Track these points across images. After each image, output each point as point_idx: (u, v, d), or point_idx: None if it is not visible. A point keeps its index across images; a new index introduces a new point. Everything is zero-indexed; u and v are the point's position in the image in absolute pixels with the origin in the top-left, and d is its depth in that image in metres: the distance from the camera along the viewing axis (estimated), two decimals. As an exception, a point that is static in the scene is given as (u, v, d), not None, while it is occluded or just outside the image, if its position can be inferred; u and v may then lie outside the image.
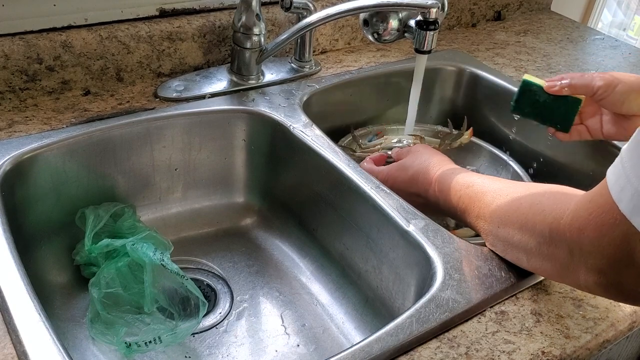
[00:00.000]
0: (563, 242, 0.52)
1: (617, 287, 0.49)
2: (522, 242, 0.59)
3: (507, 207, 0.62)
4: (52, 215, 0.78)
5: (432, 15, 0.79)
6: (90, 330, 0.71)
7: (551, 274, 0.58)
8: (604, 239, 0.47)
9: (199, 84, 0.91)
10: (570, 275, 0.53)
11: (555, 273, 0.57)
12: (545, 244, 0.55)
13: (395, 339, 0.56)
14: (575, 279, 0.53)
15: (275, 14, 0.99)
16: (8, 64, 0.80)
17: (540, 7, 1.42)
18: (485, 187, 0.67)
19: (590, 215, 0.48)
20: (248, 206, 0.93)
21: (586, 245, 0.49)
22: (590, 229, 0.48)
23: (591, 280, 0.50)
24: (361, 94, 1.03)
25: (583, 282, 0.52)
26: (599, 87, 0.79)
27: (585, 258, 0.50)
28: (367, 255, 0.78)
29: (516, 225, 0.59)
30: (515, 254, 0.62)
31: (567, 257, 0.52)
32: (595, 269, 0.49)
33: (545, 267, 0.57)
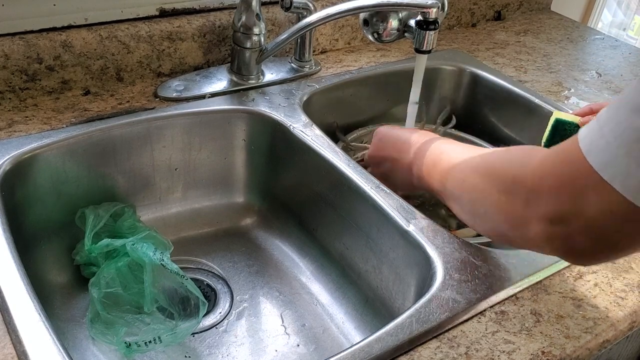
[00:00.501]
0: (522, 190, 0.53)
1: (564, 240, 0.50)
2: (486, 190, 0.59)
3: (477, 162, 0.62)
4: (52, 215, 0.78)
5: (432, 15, 0.79)
6: (90, 330, 0.71)
7: (502, 226, 0.57)
8: (563, 188, 0.48)
9: (199, 84, 0.91)
10: (521, 228, 0.53)
11: (507, 224, 0.56)
12: (505, 193, 0.55)
13: (395, 339, 0.56)
14: (525, 232, 0.53)
15: (275, 13, 0.99)
16: (8, 64, 0.80)
17: (540, 7, 1.42)
18: (457, 147, 0.68)
19: (555, 165, 0.50)
20: (248, 206, 0.93)
21: (544, 194, 0.50)
22: (552, 177, 0.49)
23: (540, 231, 0.51)
24: (361, 94, 1.03)
25: (532, 234, 0.52)
26: None
27: (540, 206, 0.50)
28: (367, 255, 0.78)
29: (481, 175, 0.60)
30: (474, 206, 0.61)
31: (522, 207, 0.52)
32: (547, 218, 0.50)
33: (498, 219, 0.57)
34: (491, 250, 0.68)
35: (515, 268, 0.66)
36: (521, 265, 0.66)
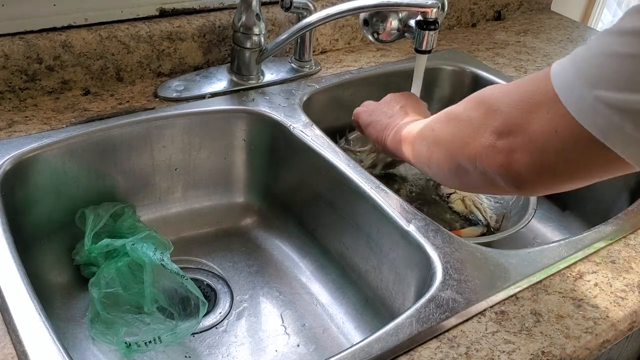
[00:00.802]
0: (485, 105, 0.55)
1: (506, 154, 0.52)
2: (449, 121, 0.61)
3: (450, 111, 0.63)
4: (52, 215, 0.78)
5: (432, 15, 0.79)
6: (90, 330, 0.71)
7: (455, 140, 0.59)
8: (520, 103, 0.51)
9: (199, 84, 0.91)
10: (472, 143, 0.55)
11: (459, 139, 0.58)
12: (466, 114, 0.57)
13: (395, 339, 0.56)
14: (471, 149, 0.55)
15: (275, 13, 0.99)
16: (8, 64, 0.80)
17: (540, 7, 1.42)
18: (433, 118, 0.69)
19: (519, 85, 0.53)
20: (248, 206, 0.93)
21: (503, 106, 0.52)
22: (514, 93, 0.52)
23: (489, 142, 0.53)
24: (361, 94, 1.02)
25: (480, 146, 0.54)
26: None
27: (495, 119, 0.53)
28: (367, 255, 0.78)
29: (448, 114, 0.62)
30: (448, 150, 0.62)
31: (480, 119, 0.55)
32: (498, 131, 0.52)
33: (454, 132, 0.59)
34: (491, 250, 0.68)
35: (515, 268, 0.66)
36: (521, 265, 0.66)
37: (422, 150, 0.66)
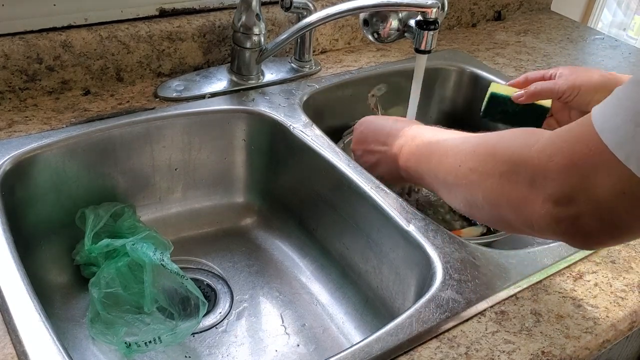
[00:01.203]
0: (528, 170, 0.50)
1: (569, 222, 0.47)
2: (487, 171, 0.55)
3: (474, 143, 0.59)
4: (52, 215, 0.78)
5: (432, 15, 0.79)
6: (90, 330, 0.71)
7: (505, 209, 0.54)
8: (573, 168, 0.46)
9: (198, 84, 0.91)
10: (525, 208, 0.50)
11: (510, 207, 0.52)
12: (508, 174, 0.52)
13: (395, 339, 0.56)
14: (527, 214, 0.50)
15: (275, 13, 0.99)
16: (8, 64, 0.80)
17: (540, 7, 1.42)
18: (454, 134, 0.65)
19: (565, 142, 0.47)
20: (248, 206, 0.93)
21: (551, 173, 0.47)
22: (561, 156, 0.47)
23: (544, 212, 0.48)
24: (361, 94, 1.03)
25: (535, 216, 0.49)
26: (563, 92, 0.81)
27: (546, 187, 0.48)
28: (367, 255, 0.78)
29: (482, 158, 0.56)
30: (472, 192, 0.57)
31: (526, 188, 0.50)
32: (553, 199, 0.47)
33: (500, 201, 0.53)
34: (491, 250, 0.68)
35: (515, 268, 0.66)
36: (521, 265, 0.66)
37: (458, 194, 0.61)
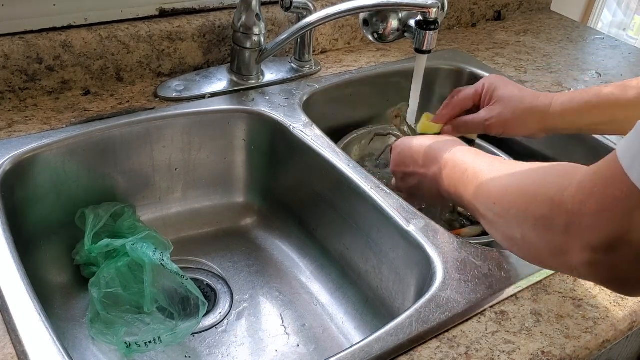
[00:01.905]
0: (562, 216, 0.48)
1: (610, 269, 0.46)
2: (520, 214, 0.54)
3: (506, 182, 0.58)
4: (52, 215, 0.77)
5: (432, 15, 0.79)
6: (90, 330, 0.71)
7: (543, 253, 0.53)
8: (606, 213, 0.44)
9: (198, 84, 0.91)
10: (562, 255, 0.49)
11: (547, 252, 0.52)
12: (543, 218, 0.50)
13: (395, 339, 0.56)
14: (566, 260, 0.49)
15: (275, 13, 0.99)
16: (8, 64, 0.80)
17: (540, 7, 1.42)
18: (489, 165, 0.63)
19: (595, 187, 0.45)
20: (248, 206, 0.93)
21: (586, 219, 0.45)
22: (593, 201, 0.45)
23: (583, 259, 0.46)
24: (361, 94, 1.03)
25: (575, 263, 0.48)
26: (490, 128, 0.81)
27: (582, 234, 0.46)
28: (367, 255, 0.78)
29: (513, 197, 0.55)
30: (509, 230, 0.56)
31: (562, 234, 0.48)
32: (590, 247, 0.45)
33: (538, 244, 0.52)
34: (491, 250, 0.68)
35: (515, 268, 0.66)
36: (521, 265, 0.66)
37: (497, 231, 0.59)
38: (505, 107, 0.80)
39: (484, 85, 0.83)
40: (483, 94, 0.83)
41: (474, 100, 0.84)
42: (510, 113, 0.80)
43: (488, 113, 0.81)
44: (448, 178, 0.67)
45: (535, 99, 0.80)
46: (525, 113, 0.79)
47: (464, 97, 0.84)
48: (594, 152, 0.94)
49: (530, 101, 0.80)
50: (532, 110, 0.79)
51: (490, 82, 0.83)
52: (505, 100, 0.80)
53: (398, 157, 0.76)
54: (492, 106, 0.81)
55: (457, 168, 0.66)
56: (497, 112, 0.80)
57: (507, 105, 0.80)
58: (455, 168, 0.67)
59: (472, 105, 0.84)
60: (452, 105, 0.85)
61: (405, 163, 0.75)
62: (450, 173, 0.67)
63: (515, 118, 0.80)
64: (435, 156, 0.71)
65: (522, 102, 0.80)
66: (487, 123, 0.81)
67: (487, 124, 0.81)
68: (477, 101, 0.84)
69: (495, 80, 0.83)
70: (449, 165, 0.68)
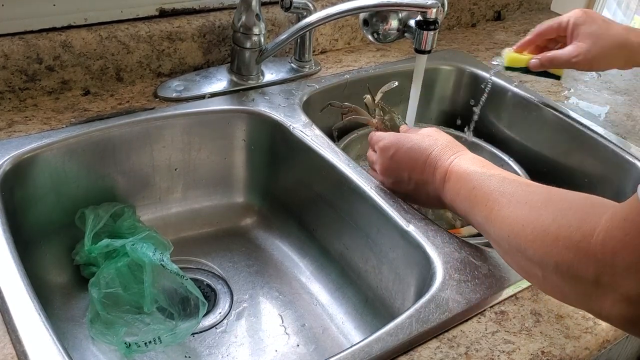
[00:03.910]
0: (591, 266, 0.45)
1: None
2: (538, 256, 0.50)
3: (524, 216, 0.53)
4: (52, 215, 0.77)
5: (432, 15, 0.79)
6: (90, 330, 0.71)
7: (568, 296, 0.50)
8: None
9: (198, 84, 0.91)
10: (592, 303, 0.46)
11: (574, 296, 0.49)
12: (567, 265, 0.47)
13: (395, 339, 0.56)
14: (597, 308, 0.46)
15: (275, 14, 0.99)
16: (8, 64, 0.80)
17: (540, 7, 1.42)
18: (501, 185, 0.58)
19: (627, 235, 0.43)
20: (248, 206, 0.93)
21: (620, 270, 0.43)
22: (627, 251, 0.42)
23: (618, 311, 0.44)
24: (361, 94, 1.02)
25: (607, 312, 0.45)
26: (577, 63, 0.82)
27: (616, 286, 0.43)
28: (367, 255, 0.78)
29: (531, 237, 0.51)
30: (528, 267, 0.53)
31: (593, 284, 0.45)
32: (627, 299, 0.43)
33: (562, 287, 0.49)
34: (491, 250, 0.68)
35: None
36: (521, 265, 0.66)
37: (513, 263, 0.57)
38: (594, 43, 0.80)
39: (569, 21, 0.83)
40: (569, 28, 0.83)
41: (558, 32, 0.85)
42: (599, 50, 0.80)
43: (576, 49, 0.81)
44: (452, 191, 0.64)
45: (625, 35, 0.80)
46: (614, 49, 0.80)
47: (547, 28, 0.85)
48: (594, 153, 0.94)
49: (620, 38, 0.80)
50: (621, 46, 0.80)
51: (576, 16, 0.83)
52: (594, 36, 0.81)
53: (390, 162, 0.71)
54: (580, 42, 0.81)
55: (462, 182, 0.62)
56: (585, 49, 0.80)
57: (596, 42, 0.80)
58: (460, 181, 0.63)
59: (555, 35, 0.85)
60: (534, 33, 0.86)
61: (400, 167, 0.70)
62: (455, 186, 0.63)
63: (604, 54, 0.80)
64: (436, 162, 0.66)
65: (611, 38, 0.80)
66: (575, 60, 0.81)
67: (574, 60, 0.81)
68: (562, 34, 0.84)
69: (581, 15, 0.83)
70: (452, 178, 0.64)
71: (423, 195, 0.70)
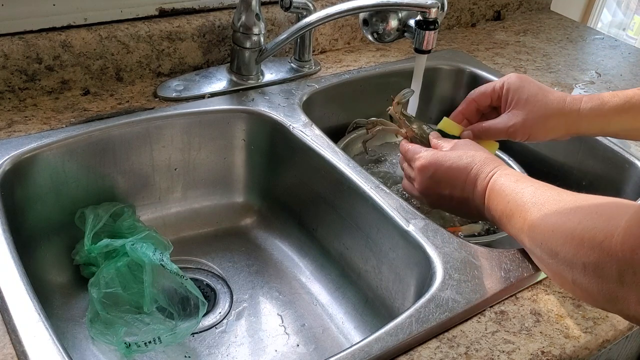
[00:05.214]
0: (613, 263, 0.46)
1: None
2: (568, 259, 0.52)
3: (553, 222, 0.55)
4: (51, 215, 0.77)
5: (432, 15, 0.79)
6: (90, 330, 0.71)
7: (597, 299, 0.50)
8: None
9: (198, 84, 0.91)
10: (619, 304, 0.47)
11: (601, 298, 0.49)
12: (593, 266, 0.48)
13: (395, 339, 0.56)
14: (624, 308, 0.47)
15: (275, 13, 0.99)
16: (7, 64, 0.80)
17: (540, 6, 1.42)
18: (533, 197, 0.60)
19: None
20: (248, 206, 0.93)
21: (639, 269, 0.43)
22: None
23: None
24: (361, 94, 1.03)
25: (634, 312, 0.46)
26: (514, 134, 0.77)
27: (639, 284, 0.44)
28: (366, 255, 0.78)
29: (561, 241, 0.53)
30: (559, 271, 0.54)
31: (616, 284, 0.46)
32: None
33: (591, 290, 0.50)
34: (491, 250, 0.68)
35: (515, 268, 0.66)
36: (521, 265, 0.66)
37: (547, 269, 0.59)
38: (530, 112, 0.75)
39: (504, 85, 0.78)
40: (503, 94, 0.78)
41: (492, 98, 0.79)
42: (536, 119, 0.75)
43: (511, 119, 0.76)
44: (491, 207, 0.65)
45: (562, 103, 0.76)
46: (552, 118, 0.75)
47: (481, 94, 0.80)
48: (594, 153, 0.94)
49: (557, 105, 0.75)
50: (559, 114, 0.75)
51: (511, 82, 0.78)
52: (530, 104, 0.76)
53: (430, 181, 0.71)
54: (516, 110, 0.76)
55: (500, 198, 0.64)
56: (522, 118, 0.75)
57: (532, 110, 0.75)
58: (498, 198, 0.64)
59: (489, 103, 0.80)
60: (467, 101, 0.81)
61: (440, 186, 0.70)
62: (493, 203, 0.65)
63: (541, 123, 0.76)
64: (475, 180, 0.67)
65: (548, 107, 0.75)
66: (511, 130, 0.76)
67: (510, 130, 0.76)
68: (496, 101, 0.79)
69: (516, 81, 0.78)
70: (492, 195, 0.65)
71: (465, 210, 0.71)
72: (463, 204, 0.70)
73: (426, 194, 0.73)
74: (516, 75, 0.79)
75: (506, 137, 0.78)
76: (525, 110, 0.76)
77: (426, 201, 0.74)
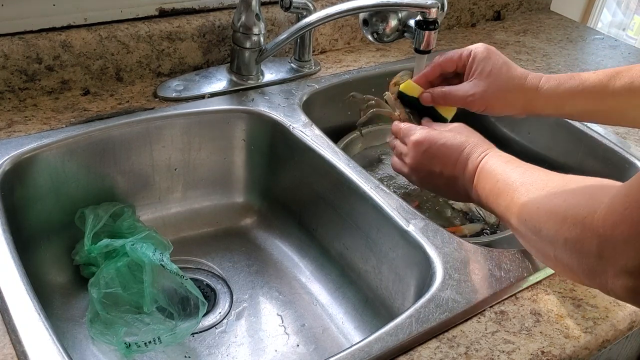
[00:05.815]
0: (594, 238, 0.47)
1: None
2: (550, 235, 0.53)
3: (539, 200, 0.56)
4: (51, 215, 0.77)
5: (432, 15, 0.79)
6: (90, 330, 0.71)
7: (577, 273, 0.52)
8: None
9: (198, 84, 0.91)
10: (597, 278, 0.48)
11: (581, 272, 0.50)
12: (574, 241, 0.49)
13: (395, 339, 0.56)
14: (602, 282, 0.47)
15: (274, 13, 0.99)
16: (7, 64, 0.80)
17: (540, 7, 1.42)
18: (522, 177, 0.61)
19: (626, 209, 0.44)
20: (248, 206, 0.93)
21: (619, 243, 0.44)
22: (626, 224, 0.43)
23: (620, 284, 0.45)
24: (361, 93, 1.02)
25: (611, 285, 0.46)
26: (472, 104, 0.77)
27: (616, 258, 0.45)
28: (366, 255, 0.78)
29: (544, 218, 0.54)
30: (542, 248, 0.56)
31: (595, 258, 0.47)
32: (626, 271, 0.44)
33: (572, 265, 0.51)
34: (491, 250, 0.68)
35: (515, 268, 0.66)
36: (521, 265, 0.66)
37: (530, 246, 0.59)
38: (491, 84, 0.75)
39: (471, 54, 0.78)
40: (469, 62, 0.78)
41: (457, 65, 0.79)
42: (495, 91, 0.75)
43: (472, 88, 0.76)
44: (479, 186, 0.66)
45: (523, 80, 0.76)
46: (512, 93, 0.76)
47: (447, 59, 0.79)
48: (594, 153, 0.94)
49: (519, 82, 0.76)
50: (518, 90, 0.76)
51: (478, 51, 0.77)
52: (493, 76, 0.76)
53: (423, 156, 0.72)
54: (477, 80, 0.76)
55: (488, 178, 0.65)
56: (482, 89, 0.75)
57: (494, 82, 0.75)
58: (487, 177, 0.65)
59: (454, 69, 0.79)
60: (432, 65, 0.80)
61: (432, 162, 0.71)
62: (482, 182, 0.65)
63: (501, 97, 0.76)
64: (467, 159, 0.68)
65: (510, 82, 0.76)
66: (470, 99, 0.76)
67: (469, 99, 0.76)
68: (461, 68, 0.79)
69: (483, 51, 0.77)
70: (481, 174, 0.66)
71: (452, 189, 0.71)
72: (451, 182, 0.70)
73: (417, 169, 0.73)
74: (484, 45, 0.79)
75: (463, 106, 0.78)
76: (487, 82, 0.76)
77: (415, 178, 0.74)
